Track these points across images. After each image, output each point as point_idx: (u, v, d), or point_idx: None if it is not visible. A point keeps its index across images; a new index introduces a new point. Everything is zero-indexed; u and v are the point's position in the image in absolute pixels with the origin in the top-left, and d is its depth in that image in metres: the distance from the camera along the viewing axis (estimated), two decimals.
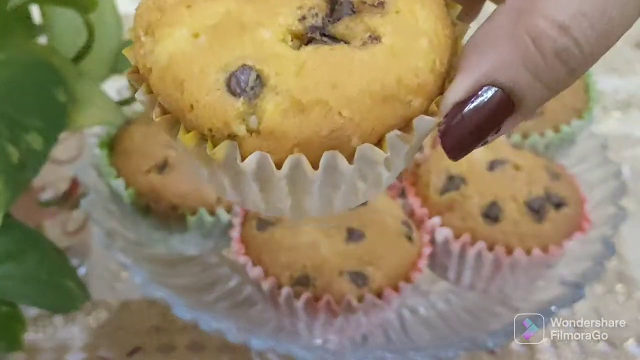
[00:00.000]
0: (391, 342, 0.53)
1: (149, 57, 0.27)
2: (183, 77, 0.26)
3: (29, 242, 0.51)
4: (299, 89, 0.26)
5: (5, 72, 0.47)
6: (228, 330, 0.49)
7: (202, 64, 0.26)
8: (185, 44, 0.27)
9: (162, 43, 0.27)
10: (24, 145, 0.44)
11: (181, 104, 0.27)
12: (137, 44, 0.28)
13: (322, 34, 0.27)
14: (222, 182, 0.29)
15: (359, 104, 0.26)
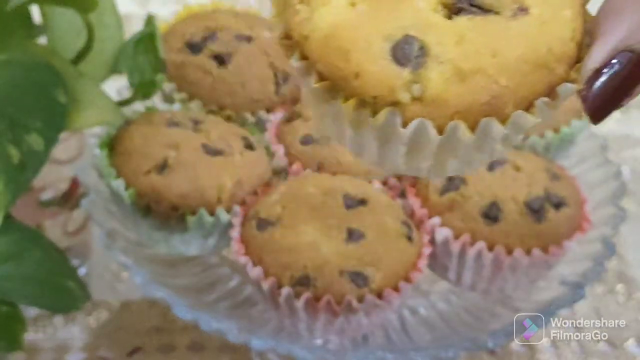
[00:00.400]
0: (392, 342, 0.53)
1: (306, 25, 0.28)
2: (348, 47, 0.27)
3: (29, 242, 0.51)
4: (460, 58, 0.27)
5: (5, 73, 0.47)
6: (228, 330, 0.49)
7: (366, 33, 0.27)
8: (345, 12, 0.27)
9: (320, 11, 0.27)
10: (25, 145, 0.44)
11: (345, 72, 0.27)
12: (289, 11, 0.28)
13: (470, 3, 0.28)
14: (366, 144, 0.30)
15: (516, 72, 0.28)
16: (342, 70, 0.27)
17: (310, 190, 0.52)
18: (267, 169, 0.57)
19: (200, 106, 0.61)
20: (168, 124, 0.56)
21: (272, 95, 0.62)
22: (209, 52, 0.62)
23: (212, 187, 0.53)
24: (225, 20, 0.64)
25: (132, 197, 0.53)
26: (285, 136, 0.58)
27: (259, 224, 0.51)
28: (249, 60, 0.62)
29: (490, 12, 0.28)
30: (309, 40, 0.28)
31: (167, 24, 0.65)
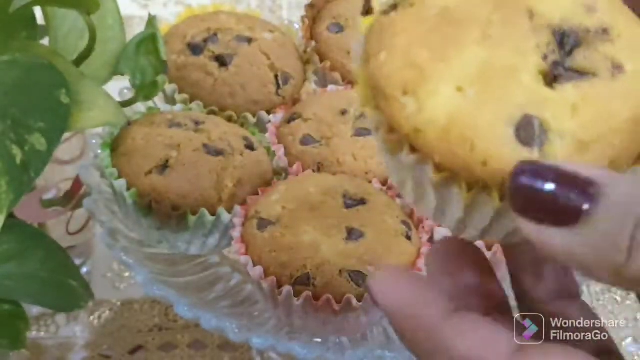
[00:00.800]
0: (391, 341, 0.54)
1: (417, 118, 0.27)
2: (471, 136, 0.26)
3: (32, 241, 0.52)
4: (579, 129, 0.27)
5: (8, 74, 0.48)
6: (229, 329, 0.49)
7: (486, 119, 0.26)
8: (457, 101, 0.27)
9: (432, 102, 0.27)
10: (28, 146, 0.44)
11: (470, 160, 0.27)
12: (392, 104, 0.28)
13: (564, 68, 0.27)
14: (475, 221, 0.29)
15: (628, 132, 0.27)
16: (466, 160, 0.27)
17: (310, 190, 0.52)
18: (268, 169, 0.58)
19: (201, 107, 0.61)
20: (169, 124, 0.56)
21: (272, 96, 0.63)
22: (210, 54, 0.62)
23: (213, 187, 0.54)
24: (226, 22, 0.64)
25: (133, 196, 0.53)
26: (286, 136, 0.59)
27: (260, 223, 0.51)
28: (250, 62, 0.62)
29: (588, 75, 0.28)
30: (422, 133, 0.27)
31: (169, 26, 0.66)
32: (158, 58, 0.55)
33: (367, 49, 0.29)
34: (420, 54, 0.27)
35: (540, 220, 0.24)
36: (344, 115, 0.58)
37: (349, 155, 0.56)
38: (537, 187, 0.24)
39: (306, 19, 0.68)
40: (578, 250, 0.24)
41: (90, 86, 0.50)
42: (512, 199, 0.25)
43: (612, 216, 0.23)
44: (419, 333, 0.27)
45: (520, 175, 0.25)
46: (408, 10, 0.29)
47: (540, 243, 0.24)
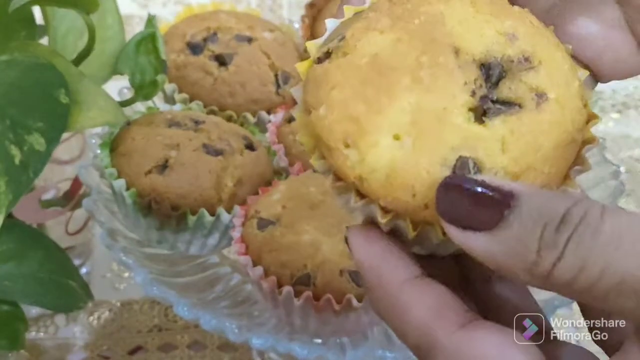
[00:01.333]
0: (391, 341, 0.54)
1: (360, 168, 0.29)
2: (411, 182, 0.28)
3: (31, 241, 0.51)
4: (510, 164, 0.29)
5: (7, 73, 0.48)
6: (229, 329, 0.49)
7: (424, 165, 0.28)
8: (396, 149, 0.28)
9: (371, 153, 0.28)
10: (27, 146, 0.44)
11: (413, 204, 0.28)
12: (335, 155, 0.29)
13: (491, 100, 0.29)
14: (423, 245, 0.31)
15: (556, 158, 0.30)
16: (409, 204, 0.29)
17: (310, 189, 0.52)
18: (268, 168, 0.58)
19: (201, 106, 0.61)
20: (169, 124, 0.56)
21: (272, 95, 0.62)
22: (209, 53, 0.62)
23: (213, 187, 0.54)
24: (225, 21, 0.64)
25: (133, 196, 0.53)
26: (286, 136, 0.59)
27: (260, 223, 0.51)
28: (250, 61, 0.62)
29: (515, 105, 0.29)
30: (367, 182, 0.29)
31: (168, 25, 0.65)
32: (157, 57, 0.54)
33: (305, 99, 0.31)
34: (356, 108, 0.29)
35: (463, 225, 0.27)
36: None
37: None
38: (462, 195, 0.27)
39: (306, 18, 0.68)
40: (496, 252, 0.27)
41: (89, 86, 0.50)
42: (439, 207, 0.28)
43: (524, 222, 0.26)
44: (380, 293, 0.30)
45: (447, 185, 0.28)
46: (341, 61, 0.30)
47: (465, 246, 0.27)
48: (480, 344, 0.27)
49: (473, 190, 0.27)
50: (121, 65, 0.55)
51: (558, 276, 0.26)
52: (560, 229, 0.26)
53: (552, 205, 0.26)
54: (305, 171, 0.56)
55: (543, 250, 0.26)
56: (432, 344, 0.28)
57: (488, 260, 0.27)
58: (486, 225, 0.27)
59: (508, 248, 0.26)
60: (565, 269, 0.25)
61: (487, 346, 0.27)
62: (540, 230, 0.26)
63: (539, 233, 0.26)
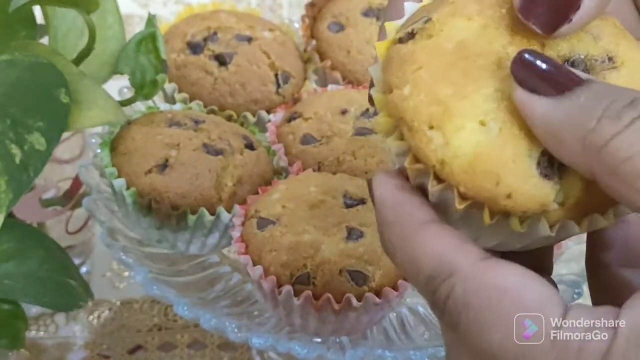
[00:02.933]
0: (391, 340, 0.54)
1: (444, 151, 0.28)
2: (496, 170, 0.28)
3: (31, 241, 0.52)
4: None
5: (7, 73, 0.48)
6: (229, 328, 0.49)
7: (510, 154, 0.28)
8: (482, 135, 0.28)
9: (458, 137, 0.28)
10: (27, 145, 0.44)
11: (495, 193, 0.28)
12: (418, 136, 0.29)
13: None
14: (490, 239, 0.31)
15: None
16: (492, 192, 0.28)
17: (310, 189, 0.52)
18: (268, 168, 0.58)
19: (201, 106, 0.61)
20: (169, 123, 0.56)
21: (272, 95, 0.63)
22: (209, 53, 0.62)
23: (213, 187, 0.54)
24: (226, 21, 0.64)
25: (133, 196, 0.53)
26: (286, 136, 0.59)
27: (260, 222, 0.51)
28: (250, 61, 0.62)
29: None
30: (449, 166, 0.28)
31: (168, 24, 0.65)
32: (158, 57, 0.54)
33: (387, 79, 0.30)
34: (443, 90, 0.28)
35: (533, 88, 0.27)
36: (344, 114, 0.58)
37: (349, 155, 0.56)
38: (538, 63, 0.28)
39: (306, 17, 0.68)
40: (554, 118, 0.27)
41: (89, 85, 0.50)
42: (514, 65, 0.28)
43: (592, 94, 0.26)
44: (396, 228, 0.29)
45: (526, 53, 0.28)
46: (426, 42, 0.29)
47: (525, 107, 0.27)
48: (502, 273, 0.27)
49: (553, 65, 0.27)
50: (121, 64, 0.55)
51: (612, 151, 0.25)
52: (630, 106, 0.25)
53: (624, 90, 0.26)
54: (305, 171, 0.56)
55: (605, 119, 0.25)
56: (452, 271, 0.28)
57: (543, 126, 0.27)
58: (554, 92, 0.27)
59: (568, 115, 0.26)
60: (623, 145, 0.25)
61: (509, 277, 0.27)
62: (607, 102, 0.26)
63: (606, 104, 0.26)
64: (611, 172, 0.25)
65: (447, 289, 0.28)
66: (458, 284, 0.27)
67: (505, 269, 0.27)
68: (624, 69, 0.30)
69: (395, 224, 0.29)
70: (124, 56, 0.55)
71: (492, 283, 0.27)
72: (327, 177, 0.54)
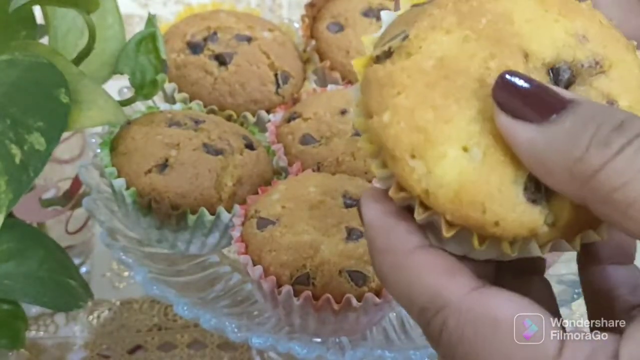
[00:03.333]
0: (390, 340, 0.54)
1: (427, 181, 0.28)
2: (482, 200, 0.27)
3: (31, 241, 0.52)
4: None
5: (7, 73, 0.48)
6: (229, 328, 0.49)
7: (495, 182, 0.27)
8: (465, 163, 0.27)
9: (440, 165, 0.27)
10: (27, 145, 0.44)
11: (483, 221, 0.28)
12: (401, 166, 0.28)
13: None
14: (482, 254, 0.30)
15: None
16: (479, 221, 0.28)
17: (310, 189, 0.52)
18: (268, 168, 0.58)
19: (201, 106, 0.61)
20: (169, 123, 0.56)
21: (272, 95, 0.63)
22: (209, 53, 0.62)
23: (213, 186, 0.54)
24: (225, 21, 0.64)
25: (133, 196, 0.53)
26: (285, 136, 0.59)
27: (259, 222, 0.51)
28: (250, 61, 0.62)
29: None
30: (433, 196, 0.28)
31: (168, 24, 0.66)
32: (158, 57, 0.55)
33: (366, 102, 0.29)
34: (424, 116, 0.28)
35: (515, 115, 0.26)
36: (343, 114, 0.58)
37: (348, 155, 0.56)
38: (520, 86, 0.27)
39: (306, 18, 0.68)
40: (541, 145, 0.26)
41: (89, 85, 0.50)
42: (495, 92, 0.27)
43: (578, 118, 0.25)
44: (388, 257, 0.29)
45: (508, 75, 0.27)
46: (404, 63, 0.29)
47: (508, 134, 0.27)
48: (495, 304, 0.27)
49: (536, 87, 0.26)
50: (121, 64, 0.55)
51: (602, 180, 0.24)
52: (618, 130, 0.24)
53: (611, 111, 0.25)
54: (304, 171, 0.56)
55: (593, 147, 0.24)
56: (443, 304, 0.27)
57: (528, 153, 0.26)
58: (538, 117, 0.26)
59: (554, 142, 0.25)
60: (613, 173, 0.24)
61: (502, 307, 0.27)
62: (594, 127, 0.25)
63: (593, 130, 0.25)
64: (603, 201, 0.25)
65: (440, 321, 0.27)
66: (451, 316, 0.27)
67: (498, 298, 0.27)
68: (613, 71, 0.29)
69: (385, 252, 0.29)
70: (124, 56, 0.55)
71: (485, 315, 0.27)
72: (327, 177, 0.54)
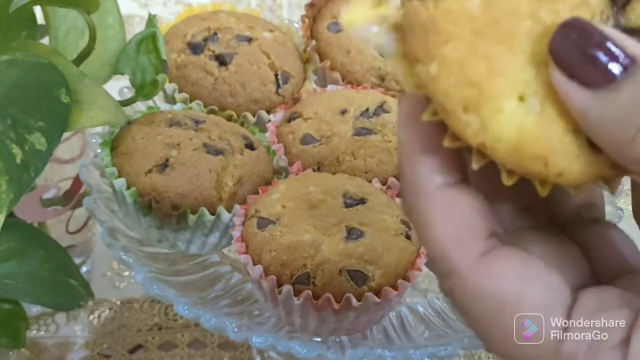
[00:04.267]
0: (390, 340, 0.54)
1: (484, 135, 0.26)
2: (544, 153, 0.26)
3: (32, 240, 0.52)
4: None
5: (8, 73, 0.48)
6: (229, 328, 0.49)
7: (557, 134, 0.26)
8: (522, 115, 0.26)
9: (496, 120, 0.26)
10: (28, 145, 0.44)
11: (545, 173, 0.26)
12: (455, 119, 0.27)
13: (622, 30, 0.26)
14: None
15: None
16: (541, 173, 0.26)
17: (310, 189, 0.52)
18: (268, 168, 0.58)
19: (201, 106, 0.61)
20: (169, 123, 0.56)
21: (272, 95, 0.63)
22: (209, 53, 0.62)
23: (213, 186, 0.54)
24: (226, 21, 0.64)
25: (133, 196, 0.53)
26: (286, 136, 0.59)
27: (260, 222, 0.51)
28: (250, 61, 0.62)
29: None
30: (491, 149, 0.27)
31: (168, 25, 0.66)
32: (158, 57, 0.55)
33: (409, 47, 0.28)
34: (475, 70, 0.26)
35: (571, 74, 0.25)
36: (344, 114, 0.58)
37: (348, 155, 0.57)
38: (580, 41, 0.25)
39: (306, 18, 0.68)
40: (593, 116, 0.24)
41: (90, 85, 0.50)
42: (552, 44, 0.25)
43: (634, 91, 0.23)
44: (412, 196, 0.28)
45: (570, 25, 0.25)
46: (449, 5, 0.27)
47: (563, 94, 0.25)
48: (500, 274, 0.26)
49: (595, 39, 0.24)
50: (122, 64, 0.55)
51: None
52: None
53: None
54: (304, 171, 0.56)
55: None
56: (450, 269, 0.27)
57: (582, 119, 0.25)
58: (594, 81, 0.24)
59: (607, 115, 0.24)
60: None
61: (507, 279, 0.26)
62: None
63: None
64: None
65: (448, 286, 0.27)
66: (456, 286, 0.27)
67: (504, 268, 0.26)
68: None
69: (409, 187, 0.28)
70: (125, 56, 0.55)
71: (490, 290, 0.26)
72: (327, 177, 0.54)
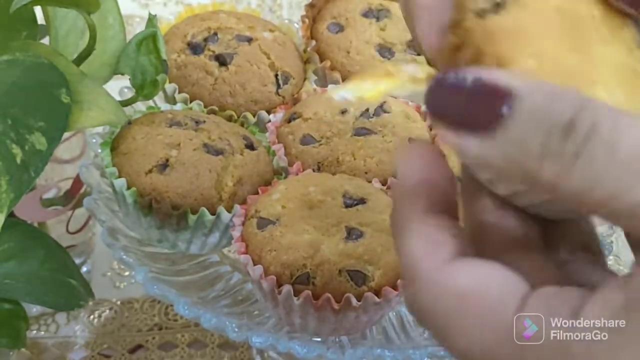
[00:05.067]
0: (390, 340, 0.54)
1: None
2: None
3: (32, 240, 0.52)
4: None
5: (9, 73, 0.48)
6: (229, 327, 0.49)
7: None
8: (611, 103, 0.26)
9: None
10: (28, 145, 0.45)
11: None
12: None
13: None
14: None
15: None
16: None
17: (310, 189, 0.52)
18: (268, 168, 0.58)
19: (201, 106, 0.61)
20: (169, 123, 0.56)
21: (272, 95, 0.63)
22: (210, 53, 0.62)
23: (213, 186, 0.54)
24: (226, 21, 0.64)
25: (133, 196, 0.53)
26: (286, 136, 0.59)
27: (260, 222, 0.51)
28: (250, 61, 0.62)
29: None
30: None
31: (169, 25, 0.66)
32: (158, 57, 0.55)
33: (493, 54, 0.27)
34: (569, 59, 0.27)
35: (455, 126, 0.25)
36: (344, 114, 0.59)
37: (348, 155, 0.57)
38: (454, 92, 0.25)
39: (306, 18, 0.68)
40: (491, 157, 0.24)
41: (90, 85, 0.50)
42: (429, 105, 0.25)
43: (523, 124, 0.24)
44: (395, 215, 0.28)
45: (439, 82, 0.25)
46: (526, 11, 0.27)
47: (458, 150, 0.25)
48: (462, 275, 0.26)
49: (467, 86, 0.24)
50: (122, 65, 0.55)
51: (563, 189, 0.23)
52: (566, 137, 0.23)
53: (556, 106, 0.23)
54: (304, 171, 0.56)
55: (546, 159, 0.23)
56: (414, 277, 0.27)
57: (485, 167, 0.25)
58: (480, 126, 0.24)
59: (504, 153, 0.24)
60: (572, 184, 0.23)
61: (469, 277, 0.26)
62: (542, 135, 0.23)
63: (541, 139, 0.23)
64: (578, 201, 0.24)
65: (411, 293, 0.27)
66: (419, 291, 0.27)
67: (467, 268, 0.26)
68: None
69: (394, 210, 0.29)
70: (125, 56, 0.55)
71: (452, 288, 0.26)
72: (327, 177, 0.54)
